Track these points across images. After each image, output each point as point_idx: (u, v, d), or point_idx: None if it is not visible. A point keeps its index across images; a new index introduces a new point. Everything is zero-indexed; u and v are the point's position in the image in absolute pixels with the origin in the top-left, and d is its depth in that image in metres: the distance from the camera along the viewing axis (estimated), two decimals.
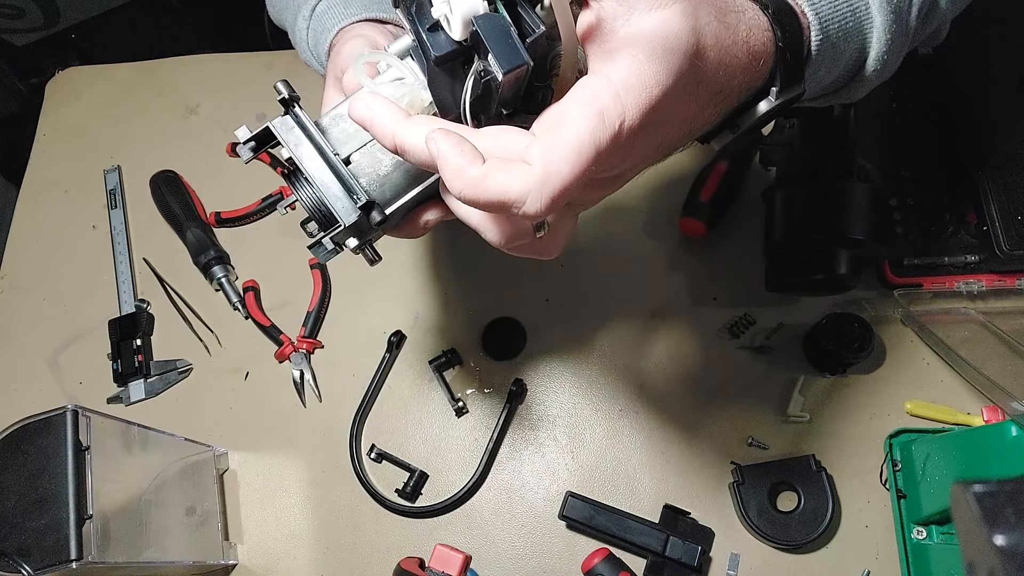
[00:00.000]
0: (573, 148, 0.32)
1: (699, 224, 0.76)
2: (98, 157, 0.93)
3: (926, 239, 0.74)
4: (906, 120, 0.79)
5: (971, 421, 0.69)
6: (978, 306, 0.71)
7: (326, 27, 0.59)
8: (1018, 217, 0.68)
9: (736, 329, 0.75)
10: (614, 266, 0.80)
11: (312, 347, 0.80)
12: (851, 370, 0.72)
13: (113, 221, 0.89)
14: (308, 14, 0.62)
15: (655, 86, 0.34)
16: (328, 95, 0.52)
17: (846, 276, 0.68)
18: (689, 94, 0.36)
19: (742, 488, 0.67)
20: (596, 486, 0.72)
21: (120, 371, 0.81)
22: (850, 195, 0.67)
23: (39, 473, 0.56)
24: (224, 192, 0.89)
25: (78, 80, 1.00)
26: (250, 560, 0.73)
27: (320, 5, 0.62)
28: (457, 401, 0.76)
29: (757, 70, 0.41)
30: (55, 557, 0.53)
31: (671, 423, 0.73)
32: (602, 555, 0.66)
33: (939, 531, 0.65)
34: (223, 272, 0.83)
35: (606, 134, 0.33)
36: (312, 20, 0.62)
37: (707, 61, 0.36)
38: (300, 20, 0.62)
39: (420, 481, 0.73)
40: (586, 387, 0.76)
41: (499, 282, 0.80)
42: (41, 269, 0.89)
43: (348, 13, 0.58)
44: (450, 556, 0.68)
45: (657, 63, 0.34)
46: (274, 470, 0.76)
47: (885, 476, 0.68)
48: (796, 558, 0.67)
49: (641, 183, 0.83)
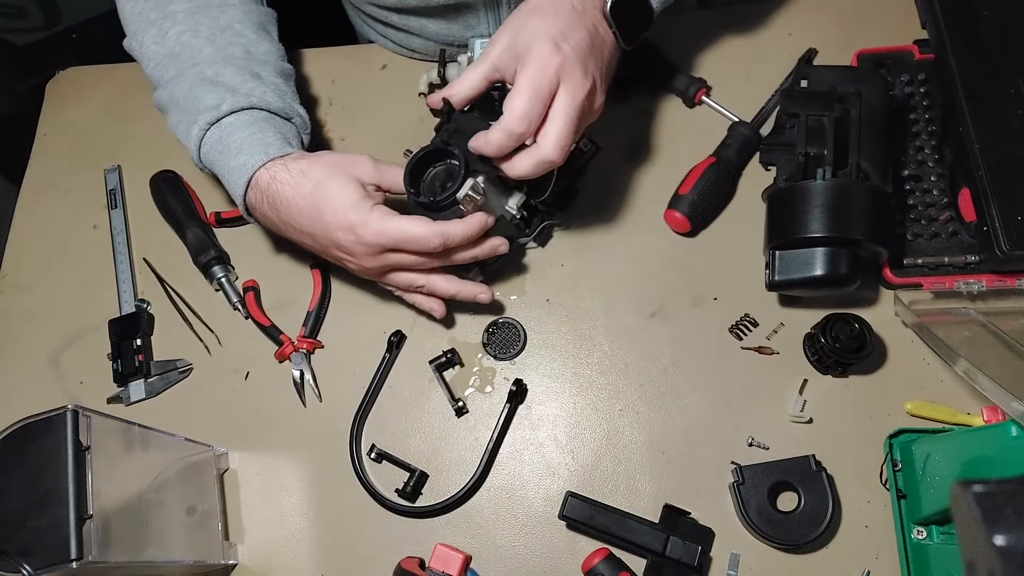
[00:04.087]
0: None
1: (679, 216, 0.77)
2: (98, 157, 0.93)
3: (926, 239, 0.74)
4: (906, 120, 0.79)
5: (971, 421, 0.69)
6: (978, 306, 0.71)
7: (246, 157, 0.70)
8: (1018, 217, 0.68)
9: (737, 329, 0.75)
10: (614, 266, 0.80)
11: (312, 347, 0.80)
12: (851, 370, 0.72)
13: (113, 221, 0.89)
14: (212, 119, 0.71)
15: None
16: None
17: (846, 276, 0.68)
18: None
19: (742, 488, 0.67)
20: (596, 486, 0.72)
21: (120, 371, 0.81)
22: (850, 195, 0.67)
23: (39, 473, 0.56)
24: (224, 192, 0.88)
25: (78, 80, 1.00)
26: (250, 560, 0.73)
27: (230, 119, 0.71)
28: (457, 401, 0.76)
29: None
30: (55, 557, 0.53)
31: (671, 423, 0.73)
32: (602, 555, 0.67)
33: (939, 531, 0.65)
34: (223, 272, 0.83)
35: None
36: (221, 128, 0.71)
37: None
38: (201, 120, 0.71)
39: (420, 481, 0.73)
40: (586, 387, 0.76)
41: (499, 282, 0.80)
42: (41, 269, 0.89)
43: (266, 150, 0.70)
44: (450, 556, 0.68)
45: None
46: (274, 470, 0.76)
47: (885, 476, 0.68)
48: (796, 558, 0.67)
49: (641, 184, 0.83)
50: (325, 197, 0.65)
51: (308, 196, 0.66)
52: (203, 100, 0.70)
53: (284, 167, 0.67)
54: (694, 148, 0.82)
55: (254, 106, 0.71)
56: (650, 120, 0.86)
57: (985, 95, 0.73)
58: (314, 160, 0.68)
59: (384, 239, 0.65)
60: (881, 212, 0.68)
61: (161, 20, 0.75)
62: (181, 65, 0.73)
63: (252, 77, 0.73)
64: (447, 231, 0.65)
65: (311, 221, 0.66)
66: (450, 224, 0.66)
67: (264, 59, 0.76)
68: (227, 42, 0.74)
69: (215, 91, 0.71)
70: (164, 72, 0.74)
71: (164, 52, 0.74)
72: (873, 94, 0.73)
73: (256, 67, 0.74)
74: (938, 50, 0.78)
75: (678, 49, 0.86)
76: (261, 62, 0.75)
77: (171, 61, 0.74)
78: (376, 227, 0.65)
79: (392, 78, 0.92)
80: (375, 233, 0.65)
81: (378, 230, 0.65)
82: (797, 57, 0.85)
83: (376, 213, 0.65)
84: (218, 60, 0.73)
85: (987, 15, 0.76)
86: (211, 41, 0.74)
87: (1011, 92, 0.72)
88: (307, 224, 0.67)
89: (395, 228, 0.65)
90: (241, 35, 0.76)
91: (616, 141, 0.83)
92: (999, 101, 0.72)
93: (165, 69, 0.74)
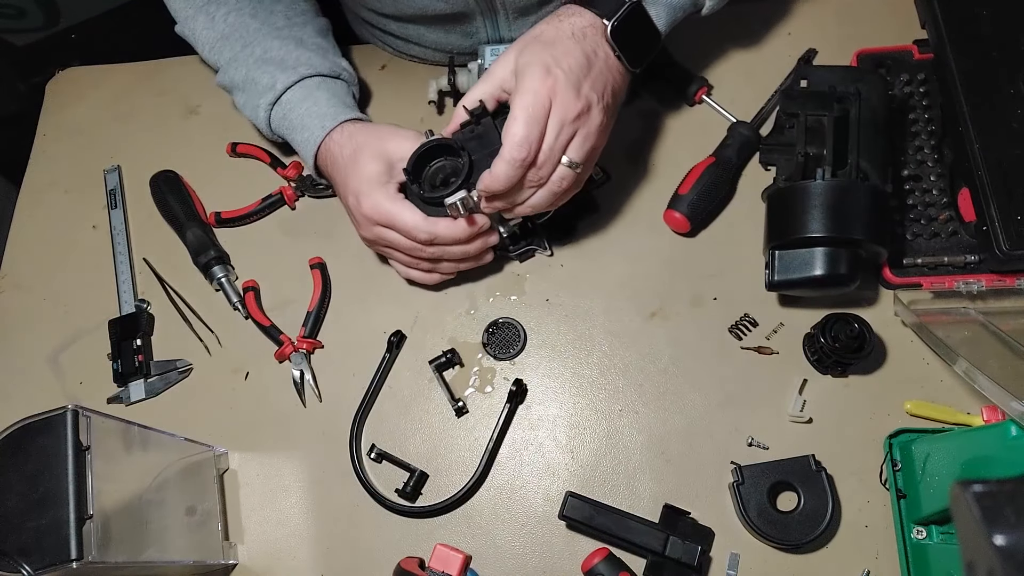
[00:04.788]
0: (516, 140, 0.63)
1: (679, 216, 0.77)
2: (98, 157, 0.93)
3: (926, 239, 0.74)
4: (906, 120, 0.79)
5: (971, 421, 0.69)
6: (978, 306, 0.71)
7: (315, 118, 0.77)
8: (1018, 217, 0.68)
9: (737, 329, 0.75)
10: (614, 266, 0.80)
11: (312, 347, 0.80)
12: (851, 370, 0.72)
13: (113, 221, 0.89)
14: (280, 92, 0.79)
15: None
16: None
17: (846, 276, 0.68)
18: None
19: (742, 488, 0.67)
20: (596, 486, 0.72)
21: (120, 371, 0.81)
22: (849, 195, 0.67)
23: (39, 473, 0.56)
24: (224, 192, 0.89)
25: (78, 80, 1.00)
26: (250, 560, 0.73)
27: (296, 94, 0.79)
28: (457, 401, 0.76)
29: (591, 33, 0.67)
30: (55, 557, 0.53)
31: (671, 423, 0.73)
32: (602, 555, 0.67)
33: (939, 531, 0.65)
34: (223, 272, 0.83)
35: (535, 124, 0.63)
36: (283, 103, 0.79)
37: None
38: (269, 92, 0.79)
39: (420, 481, 0.73)
40: (586, 387, 0.76)
41: (499, 282, 0.80)
42: (41, 269, 0.89)
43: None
44: (450, 556, 0.68)
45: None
46: (274, 470, 0.76)
47: (885, 476, 0.68)
48: (796, 558, 0.67)
49: (641, 184, 0.83)
50: (356, 163, 0.73)
51: (348, 158, 0.74)
52: (259, 81, 0.78)
53: (340, 130, 0.76)
54: (694, 148, 0.82)
55: (304, 76, 0.78)
56: (650, 120, 0.86)
57: (985, 95, 0.73)
58: (362, 127, 0.76)
59: (376, 216, 0.71)
60: (881, 212, 0.68)
61: (206, 5, 0.81)
62: (234, 47, 0.80)
63: (297, 45, 0.80)
64: (435, 230, 0.70)
65: (342, 178, 0.74)
66: (440, 223, 0.70)
67: (303, 20, 0.83)
68: (268, 12, 0.81)
69: (267, 71, 0.78)
70: (220, 56, 0.81)
71: (216, 36, 0.81)
72: (873, 94, 0.73)
73: (297, 31, 0.81)
74: (938, 50, 0.78)
75: (678, 49, 0.86)
76: (301, 24, 0.82)
77: (224, 44, 0.81)
78: (373, 202, 0.71)
79: (392, 78, 0.92)
80: (371, 207, 0.71)
81: (374, 205, 0.71)
82: (797, 57, 0.85)
83: (382, 192, 0.71)
84: (265, 35, 0.80)
85: (987, 15, 0.76)
86: (254, 16, 0.81)
87: (1011, 92, 0.72)
88: (340, 180, 0.75)
89: (388, 210, 0.70)
90: (278, 1, 0.82)
91: (616, 141, 0.83)
92: (999, 101, 0.72)
93: (220, 53, 0.81)
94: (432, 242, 0.70)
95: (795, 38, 0.87)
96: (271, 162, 0.89)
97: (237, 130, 0.91)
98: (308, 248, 0.84)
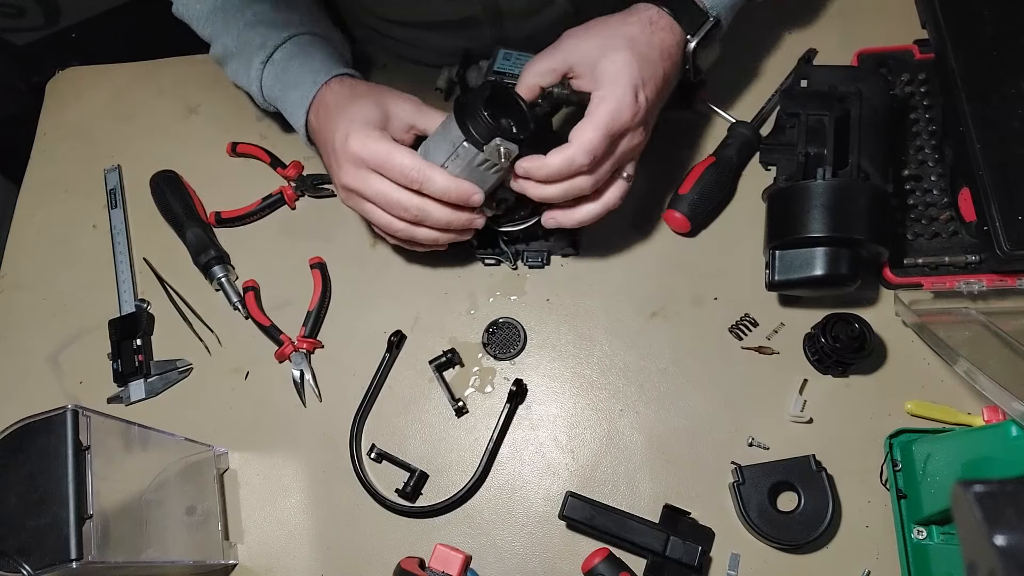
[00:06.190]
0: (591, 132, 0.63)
1: (679, 216, 0.77)
2: (98, 157, 0.93)
3: (926, 239, 0.74)
4: (906, 120, 0.79)
5: (971, 421, 0.69)
6: (979, 306, 0.71)
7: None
8: (1018, 217, 0.67)
9: (737, 329, 0.75)
10: (614, 266, 0.80)
11: (312, 347, 0.80)
12: (851, 370, 0.72)
13: (113, 221, 0.89)
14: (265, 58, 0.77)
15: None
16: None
17: (846, 276, 0.68)
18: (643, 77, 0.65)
19: (742, 488, 0.67)
20: (596, 486, 0.72)
21: (120, 371, 0.81)
22: (850, 195, 0.67)
23: (39, 473, 0.56)
24: (224, 192, 0.89)
25: (78, 80, 1.00)
26: (250, 560, 0.73)
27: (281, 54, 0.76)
28: (457, 401, 0.76)
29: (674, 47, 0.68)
30: (55, 557, 0.53)
31: (671, 423, 0.73)
32: (602, 555, 0.66)
33: (939, 531, 0.65)
34: (223, 272, 0.83)
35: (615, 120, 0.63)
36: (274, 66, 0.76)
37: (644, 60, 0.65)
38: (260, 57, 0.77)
39: (420, 481, 0.73)
40: (586, 387, 0.75)
41: (499, 282, 0.80)
42: (41, 269, 0.89)
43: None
44: (450, 556, 0.68)
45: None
46: (274, 470, 0.76)
47: (885, 476, 0.68)
48: (796, 558, 0.67)
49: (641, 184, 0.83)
50: (350, 106, 0.69)
51: (342, 104, 0.70)
52: (252, 41, 0.77)
53: (338, 80, 0.73)
54: (694, 148, 0.81)
55: (297, 33, 0.77)
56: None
57: (985, 95, 0.72)
58: (362, 82, 0.74)
59: (367, 154, 0.66)
60: (881, 212, 0.68)
61: None
62: (226, 16, 0.79)
63: (289, 8, 0.78)
64: (430, 174, 0.65)
65: (331, 124, 0.69)
66: (436, 170, 0.65)
67: None
68: None
69: (259, 31, 0.77)
70: (212, 27, 0.80)
71: (208, 9, 0.80)
72: (873, 94, 0.73)
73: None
74: (938, 50, 0.78)
75: None
76: None
77: (216, 15, 0.79)
78: (365, 140, 0.66)
79: (391, 78, 0.92)
80: (362, 145, 0.66)
81: (365, 143, 0.66)
82: (797, 57, 0.85)
83: (375, 133, 0.67)
84: (257, 1, 0.78)
85: (987, 15, 0.76)
86: None
87: (1011, 92, 0.72)
88: (327, 127, 0.70)
89: (384, 148, 0.65)
90: None
91: None
92: (999, 101, 0.72)
93: (212, 23, 0.80)
94: (421, 186, 0.65)
95: (795, 38, 0.87)
96: (271, 162, 0.89)
97: (237, 130, 0.91)
98: (308, 248, 0.84)
